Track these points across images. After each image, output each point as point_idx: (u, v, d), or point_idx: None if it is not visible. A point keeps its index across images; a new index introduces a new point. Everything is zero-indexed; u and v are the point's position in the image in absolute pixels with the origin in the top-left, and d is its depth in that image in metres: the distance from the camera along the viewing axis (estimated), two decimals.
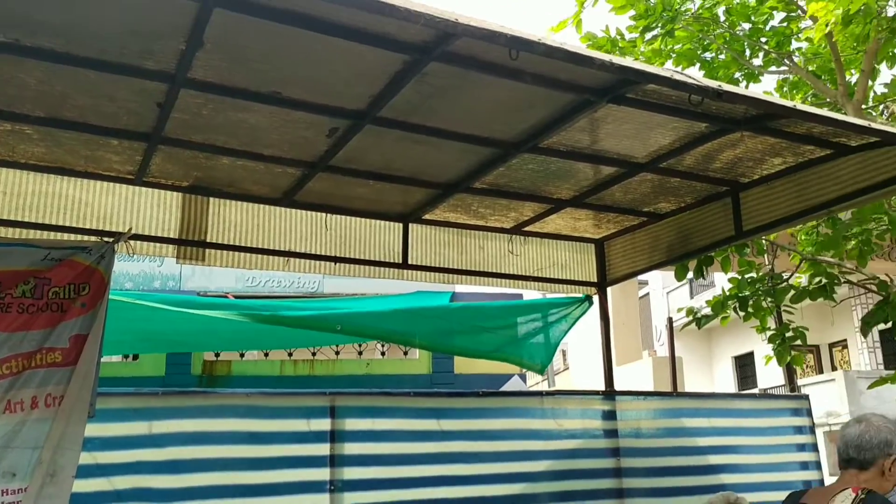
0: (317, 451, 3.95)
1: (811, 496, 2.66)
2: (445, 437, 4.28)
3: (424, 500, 4.14)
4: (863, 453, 2.52)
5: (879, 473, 2.51)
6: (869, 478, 2.52)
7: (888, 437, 2.52)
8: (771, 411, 5.33)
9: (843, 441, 2.59)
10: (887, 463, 2.51)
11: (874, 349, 16.55)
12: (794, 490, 4.72)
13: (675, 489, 4.81)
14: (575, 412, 4.71)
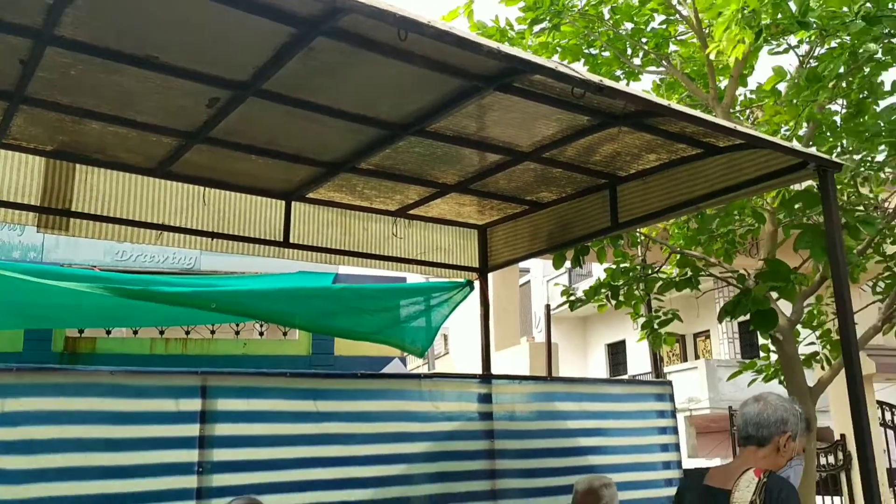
0: (185, 432, 3.80)
1: (714, 475, 2.77)
2: (322, 419, 4.23)
3: (298, 481, 4.09)
4: (761, 430, 2.67)
5: (775, 450, 2.67)
6: (766, 454, 2.66)
7: (784, 416, 2.68)
8: (637, 396, 5.58)
9: (742, 419, 2.73)
10: (783, 440, 2.66)
11: (733, 340, 17.68)
12: (656, 469, 4.98)
13: (546, 470, 4.96)
14: (452, 395, 4.76)
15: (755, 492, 2.52)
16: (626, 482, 5.28)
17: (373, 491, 4.33)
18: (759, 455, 2.66)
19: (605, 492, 3.66)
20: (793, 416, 2.69)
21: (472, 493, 4.69)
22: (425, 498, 4.47)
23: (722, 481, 2.66)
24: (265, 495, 3.84)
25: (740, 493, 2.54)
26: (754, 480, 2.55)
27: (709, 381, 15.64)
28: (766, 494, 2.51)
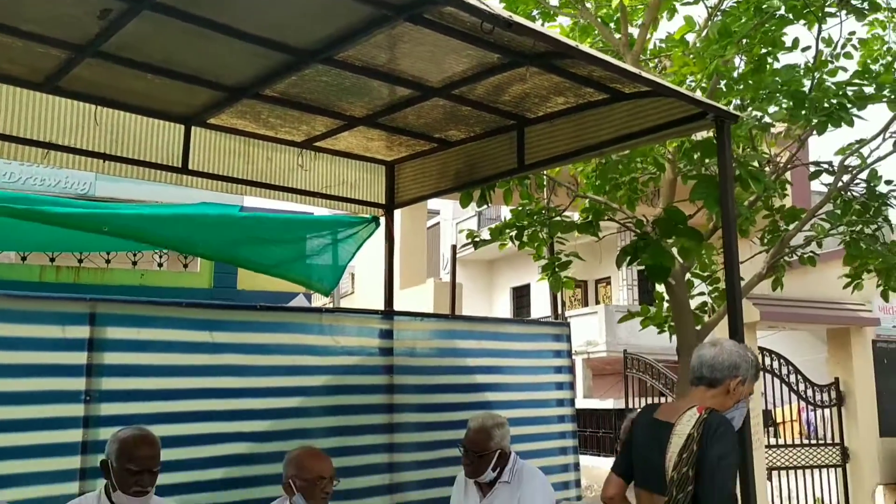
0: (72, 360, 3.68)
1: (663, 410, 2.91)
2: (218, 350, 4.16)
3: (193, 411, 4.03)
4: (714, 373, 2.80)
5: (725, 391, 2.81)
6: (715, 394, 2.81)
7: (737, 361, 2.82)
8: (535, 336, 5.73)
9: (698, 361, 2.85)
10: (733, 383, 2.81)
11: (632, 287, 18.35)
12: (551, 405, 5.14)
13: (443, 405, 5.07)
14: (352, 330, 4.76)
15: (695, 426, 2.66)
16: (521, 418, 5.47)
17: (269, 423, 4.32)
18: (709, 395, 2.80)
19: (496, 431, 3.75)
20: (745, 362, 2.84)
21: (369, 426, 4.75)
22: (323, 430, 4.49)
23: (668, 415, 2.81)
24: (158, 425, 3.76)
25: (681, 426, 2.69)
26: (696, 416, 2.69)
27: (607, 325, 16.20)
28: (705, 428, 2.65)
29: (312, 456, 3.40)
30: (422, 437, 4.97)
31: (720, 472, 2.61)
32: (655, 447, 2.74)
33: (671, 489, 2.61)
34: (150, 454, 3.08)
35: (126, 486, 3.00)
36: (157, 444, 3.15)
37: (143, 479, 3.02)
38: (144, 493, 3.04)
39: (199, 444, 4.05)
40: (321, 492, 3.32)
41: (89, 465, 3.55)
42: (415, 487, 4.88)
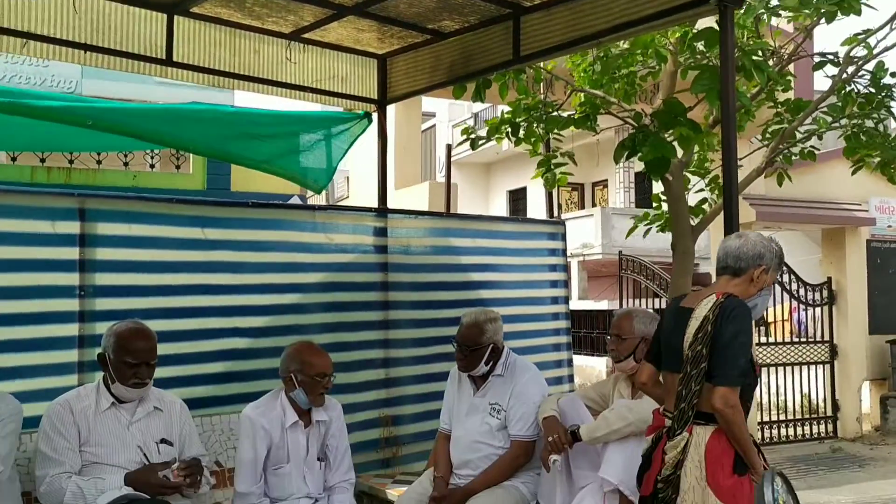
0: (64, 255, 3.66)
1: (689, 298, 2.99)
2: (211, 247, 4.15)
3: (188, 307, 4.06)
4: (739, 262, 2.86)
5: (749, 280, 2.87)
6: (739, 282, 2.87)
7: (761, 251, 2.87)
8: (530, 234, 5.72)
9: (723, 251, 2.92)
10: (757, 272, 2.87)
11: (629, 189, 18.28)
12: (545, 303, 5.16)
13: (437, 302, 5.11)
14: (346, 227, 4.74)
15: (711, 308, 2.75)
16: (515, 315, 5.52)
17: (266, 319, 4.36)
18: (732, 283, 2.88)
19: (488, 326, 3.77)
20: (769, 252, 2.89)
21: (364, 322, 4.80)
22: (319, 326, 4.54)
23: (692, 302, 2.90)
24: (154, 320, 3.78)
25: (700, 309, 2.78)
26: (713, 300, 2.78)
27: (603, 227, 16.23)
28: (721, 310, 2.73)
29: (316, 353, 3.43)
30: (416, 334, 5.03)
31: (732, 348, 2.69)
32: (677, 331, 2.84)
33: (685, 366, 2.72)
34: (146, 347, 3.10)
35: (124, 378, 3.04)
36: (152, 338, 3.17)
37: (140, 372, 3.06)
38: (143, 385, 3.08)
39: (196, 339, 4.10)
40: (322, 388, 3.37)
41: (87, 359, 3.59)
42: (410, 382, 4.97)
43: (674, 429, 2.74)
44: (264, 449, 3.29)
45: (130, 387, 3.05)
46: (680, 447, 2.71)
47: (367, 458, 4.72)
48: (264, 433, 3.31)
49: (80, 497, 2.84)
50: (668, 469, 2.73)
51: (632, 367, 3.44)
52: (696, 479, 2.70)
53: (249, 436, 3.31)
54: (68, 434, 2.95)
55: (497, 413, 3.70)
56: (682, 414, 2.71)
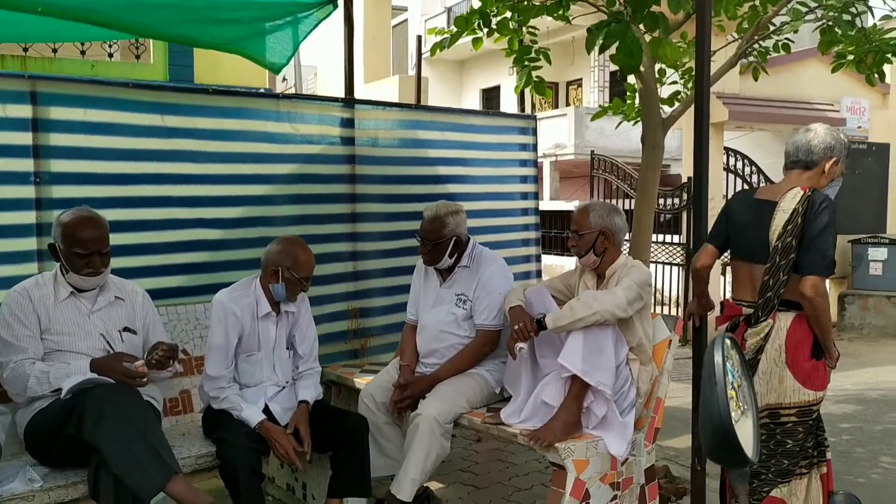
0: (17, 140, 3.53)
1: (762, 191, 3.04)
2: (171, 135, 4.03)
3: (147, 196, 3.97)
4: (810, 155, 2.95)
5: (820, 172, 2.97)
6: (811, 175, 2.96)
7: (831, 143, 2.96)
8: (500, 128, 5.65)
9: (793, 146, 2.99)
10: (828, 164, 2.96)
11: (603, 88, 18.06)
12: (522, 198, 5.13)
13: (405, 196, 5.06)
14: (312, 118, 4.63)
15: (800, 201, 2.84)
16: (484, 210, 5.52)
17: (232, 210, 4.29)
18: (805, 176, 2.97)
19: (449, 219, 3.75)
20: (839, 143, 2.98)
21: (332, 215, 4.76)
22: (286, 218, 4.49)
23: (770, 195, 2.97)
24: (115, 209, 3.73)
25: (786, 202, 2.87)
26: (800, 193, 2.87)
27: (576, 127, 16.13)
28: (809, 203, 2.84)
29: (309, 256, 3.42)
30: (384, 227, 5.01)
31: (821, 239, 2.82)
32: (758, 223, 2.94)
33: (773, 257, 2.85)
34: (96, 236, 2.99)
35: (77, 268, 2.97)
36: (103, 226, 3.05)
37: (92, 261, 2.98)
38: (97, 274, 3.01)
39: (160, 230, 4.03)
40: (301, 289, 3.39)
41: (45, 247, 3.53)
42: (378, 275, 4.99)
43: (757, 316, 2.87)
44: (235, 335, 3.31)
45: (85, 276, 2.99)
46: (763, 333, 2.86)
47: (336, 349, 4.78)
48: (235, 319, 3.32)
49: (44, 381, 2.84)
50: (750, 354, 2.87)
51: (593, 262, 3.46)
52: (774, 362, 2.87)
53: (221, 321, 3.31)
54: (28, 321, 2.91)
55: (463, 303, 3.74)
56: (768, 302, 2.85)
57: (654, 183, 4.68)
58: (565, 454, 3.06)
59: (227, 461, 3.01)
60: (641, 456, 3.35)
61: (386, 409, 3.71)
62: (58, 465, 2.87)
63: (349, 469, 3.33)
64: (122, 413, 2.67)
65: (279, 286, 3.34)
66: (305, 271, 3.36)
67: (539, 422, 3.29)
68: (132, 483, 2.59)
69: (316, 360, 3.68)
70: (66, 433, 2.71)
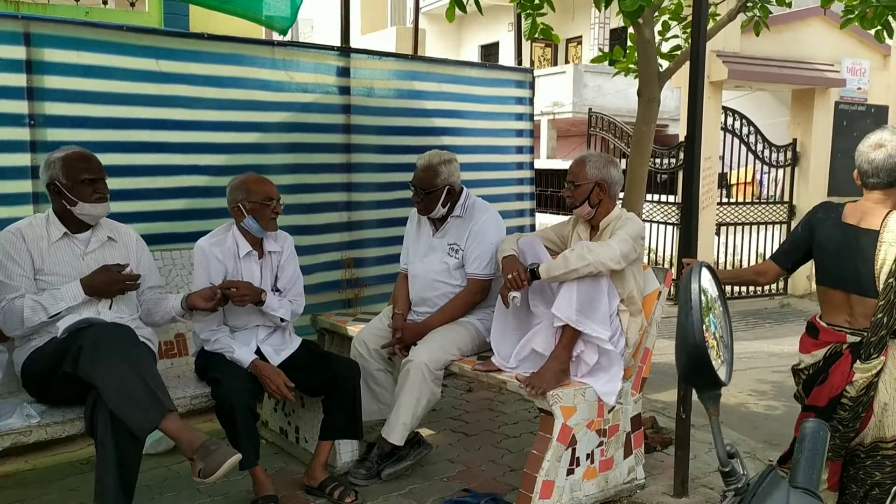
0: (11, 82, 3.52)
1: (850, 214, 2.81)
2: (166, 80, 4.01)
3: (142, 142, 3.97)
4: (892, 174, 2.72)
5: None
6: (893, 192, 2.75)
7: None
8: (497, 81, 5.62)
9: (870, 164, 2.74)
10: None
11: (604, 46, 17.86)
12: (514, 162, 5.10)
13: (400, 147, 5.06)
14: (308, 66, 4.60)
15: None
16: (479, 163, 5.52)
17: (225, 157, 4.29)
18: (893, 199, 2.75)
19: (443, 168, 3.75)
20: None
21: (327, 164, 4.77)
22: (281, 167, 4.50)
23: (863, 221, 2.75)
24: (109, 153, 3.73)
25: (890, 234, 2.67)
26: None
27: (575, 85, 16.01)
28: None
29: (259, 180, 3.42)
30: (379, 178, 5.02)
31: None
32: (856, 253, 2.75)
33: (888, 294, 2.64)
34: (98, 165, 3.06)
35: (86, 196, 2.98)
36: (96, 157, 3.11)
37: (99, 186, 3.03)
38: (105, 200, 3.05)
39: (154, 175, 4.05)
40: (271, 212, 3.37)
41: (41, 189, 3.53)
42: (372, 226, 5.02)
43: (869, 352, 2.69)
44: (218, 278, 3.33)
45: (95, 202, 3.00)
46: (875, 370, 2.68)
47: (330, 299, 4.83)
48: (217, 262, 3.34)
49: (39, 309, 2.86)
50: (858, 390, 2.71)
51: (587, 212, 3.48)
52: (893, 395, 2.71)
53: (203, 265, 3.35)
54: (21, 261, 2.93)
55: (455, 253, 3.77)
56: (881, 340, 2.67)
57: (648, 137, 4.67)
58: (553, 401, 3.12)
59: (223, 401, 3.06)
60: (628, 404, 3.42)
61: (378, 355, 3.77)
62: (54, 402, 2.92)
63: (341, 412, 3.38)
64: (118, 351, 2.71)
65: (249, 220, 3.36)
66: (260, 194, 3.36)
67: (527, 370, 3.35)
68: (128, 419, 2.64)
69: (299, 296, 3.62)
70: (63, 371, 2.74)
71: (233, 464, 2.68)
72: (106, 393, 2.65)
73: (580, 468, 3.24)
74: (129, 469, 2.72)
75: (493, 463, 3.84)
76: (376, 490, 3.45)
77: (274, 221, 3.40)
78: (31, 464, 3.73)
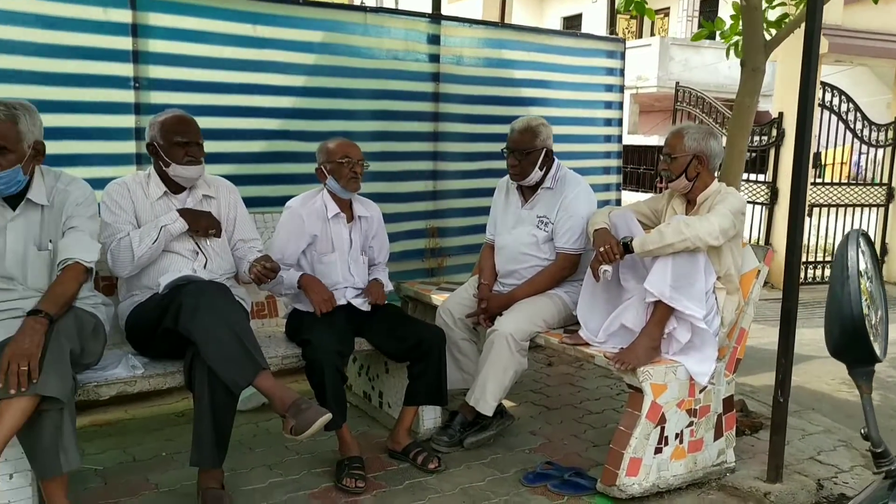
0: (118, 45, 3.62)
1: None
2: (261, 45, 4.07)
3: (237, 106, 4.04)
4: None
5: None
6: None
7: None
8: (587, 51, 5.49)
9: None
10: None
11: (692, 18, 17.30)
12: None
13: (488, 117, 5.02)
14: (398, 33, 4.59)
15: None
16: (565, 135, 5.42)
17: (316, 122, 4.33)
18: None
19: (541, 129, 3.70)
20: None
21: (414, 133, 4.77)
22: (369, 134, 4.51)
23: None
24: (207, 117, 3.79)
25: None
26: None
27: (660, 59, 15.57)
28: None
29: (339, 141, 3.48)
30: (465, 148, 4.99)
31: None
32: None
33: None
34: (193, 128, 3.13)
35: (178, 157, 3.07)
36: (195, 122, 3.17)
37: (191, 150, 3.09)
38: (197, 163, 3.12)
39: (246, 139, 4.12)
40: (349, 171, 3.39)
41: (143, 151, 3.64)
42: (457, 196, 5.00)
43: None
44: (299, 238, 3.40)
45: (186, 164, 3.08)
46: None
47: (413, 267, 4.85)
48: (301, 223, 3.40)
49: (145, 236, 2.98)
50: None
51: (684, 186, 3.38)
52: None
53: (286, 223, 3.45)
54: (126, 207, 3.05)
55: (544, 226, 3.71)
56: None
57: (751, 110, 4.48)
58: (643, 377, 3.06)
59: (313, 361, 3.10)
60: (721, 385, 3.32)
61: (463, 325, 3.76)
62: (155, 356, 3.02)
63: (426, 378, 3.40)
64: (216, 309, 2.78)
65: (330, 180, 3.40)
66: (338, 153, 3.40)
67: (616, 345, 3.29)
68: (224, 375, 2.71)
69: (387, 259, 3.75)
70: (164, 326, 2.83)
71: (323, 422, 2.72)
72: (204, 349, 2.72)
73: (668, 447, 3.17)
74: (223, 422, 2.80)
75: (576, 437, 3.81)
76: (458, 458, 3.46)
77: (354, 181, 3.41)
78: (131, 413, 3.90)
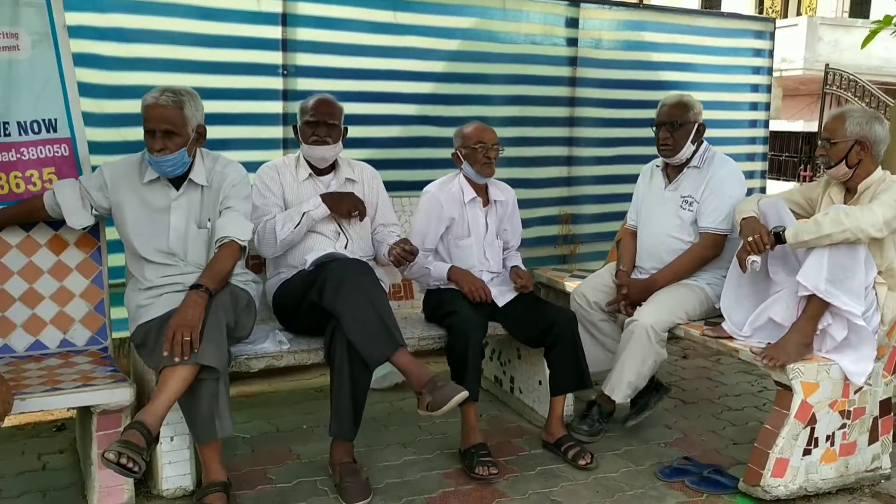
0: (269, 34, 3.79)
1: None
2: (402, 31, 4.15)
3: (378, 92, 4.14)
4: None
5: None
6: None
7: None
8: (733, 31, 5.25)
9: None
10: None
11: None
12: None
13: (624, 102, 4.91)
14: (537, 17, 4.56)
15: None
16: (709, 119, 5.16)
17: (452, 108, 4.37)
18: None
19: (694, 104, 3.59)
20: None
21: (549, 118, 4.72)
22: (504, 119, 4.51)
23: None
24: (348, 102, 3.87)
25: None
26: None
27: (808, 39, 14.64)
28: None
29: (474, 126, 3.47)
30: (602, 133, 4.91)
31: None
32: None
33: None
34: (325, 110, 3.16)
35: (306, 137, 3.16)
36: (334, 104, 3.20)
37: (318, 130, 3.13)
38: (322, 143, 3.15)
39: (385, 125, 4.21)
40: (483, 156, 3.38)
41: (290, 136, 3.80)
42: (591, 182, 4.93)
43: None
44: (438, 222, 3.43)
45: (311, 144, 3.15)
46: None
47: (545, 253, 4.82)
48: (440, 207, 3.42)
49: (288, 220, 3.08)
50: None
51: (844, 174, 3.15)
52: None
53: (425, 208, 3.47)
54: (275, 190, 3.18)
55: (689, 206, 3.56)
56: None
57: None
58: (793, 375, 2.90)
59: (460, 333, 3.11)
60: (878, 386, 3.10)
61: (599, 307, 3.68)
62: (299, 331, 3.14)
63: (564, 364, 3.34)
64: (359, 286, 2.85)
65: (465, 165, 3.42)
66: (472, 139, 3.38)
67: (763, 339, 3.13)
68: (364, 349, 2.78)
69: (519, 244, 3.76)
70: (309, 301, 2.93)
71: (460, 399, 2.73)
72: (345, 323, 2.79)
73: (818, 449, 2.99)
74: (359, 396, 2.88)
75: (714, 434, 3.66)
76: (593, 448, 3.40)
77: (487, 167, 3.40)
78: (274, 387, 4.09)
